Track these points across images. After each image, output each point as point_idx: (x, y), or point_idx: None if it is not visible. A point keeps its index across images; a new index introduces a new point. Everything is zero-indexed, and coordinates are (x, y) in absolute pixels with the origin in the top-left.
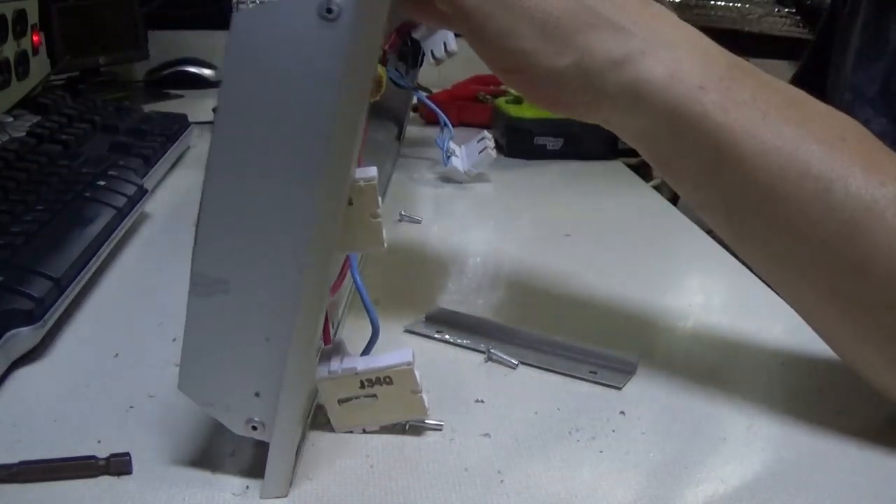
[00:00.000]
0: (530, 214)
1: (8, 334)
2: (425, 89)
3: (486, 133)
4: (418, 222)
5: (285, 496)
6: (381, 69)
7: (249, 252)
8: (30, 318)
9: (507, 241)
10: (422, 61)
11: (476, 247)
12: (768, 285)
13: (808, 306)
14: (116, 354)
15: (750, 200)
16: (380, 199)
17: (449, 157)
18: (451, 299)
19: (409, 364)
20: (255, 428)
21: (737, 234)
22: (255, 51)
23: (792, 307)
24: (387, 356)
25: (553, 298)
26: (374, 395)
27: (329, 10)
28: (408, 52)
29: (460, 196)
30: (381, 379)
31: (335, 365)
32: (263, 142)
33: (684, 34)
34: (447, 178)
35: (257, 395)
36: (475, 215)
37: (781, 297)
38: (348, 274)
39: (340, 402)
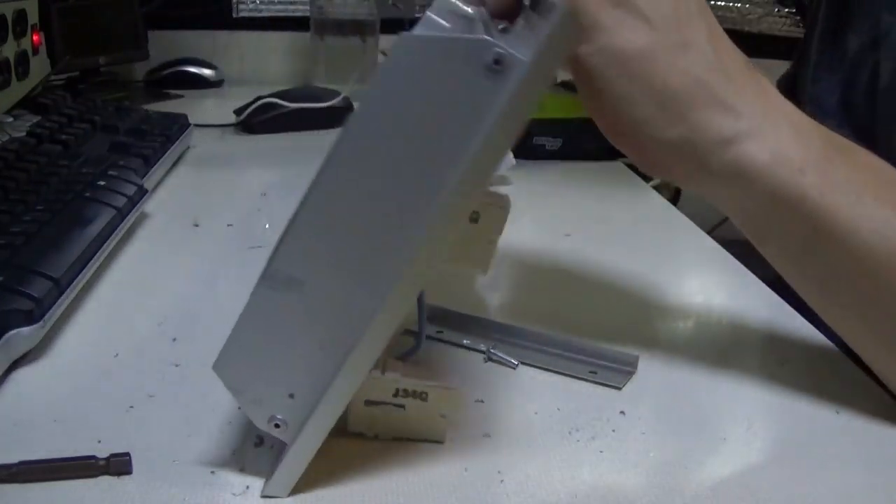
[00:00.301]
0: (530, 214)
1: (8, 334)
2: None
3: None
4: None
5: (285, 496)
6: None
7: (338, 263)
8: (30, 318)
9: (506, 240)
10: None
11: None
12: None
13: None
14: (116, 354)
15: (842, 276)
16: (506, 226)
17: None
18: (451, 299)
19: (453, 389)
20: (277, 426)
21: (829, 306)
22: (412, 73)
23: (880, 375)
24: (431, 372)
25: (553, 298)
26: (403, 407)
27: (497, 62)
28: None
29: None
30: (417, 392)
31: (377, 369)
32: (391, 163)
33: (785, 113)
34: None
35: (291, 396)
36: None
37: (869, 364)
38: None
39: (367, 403)
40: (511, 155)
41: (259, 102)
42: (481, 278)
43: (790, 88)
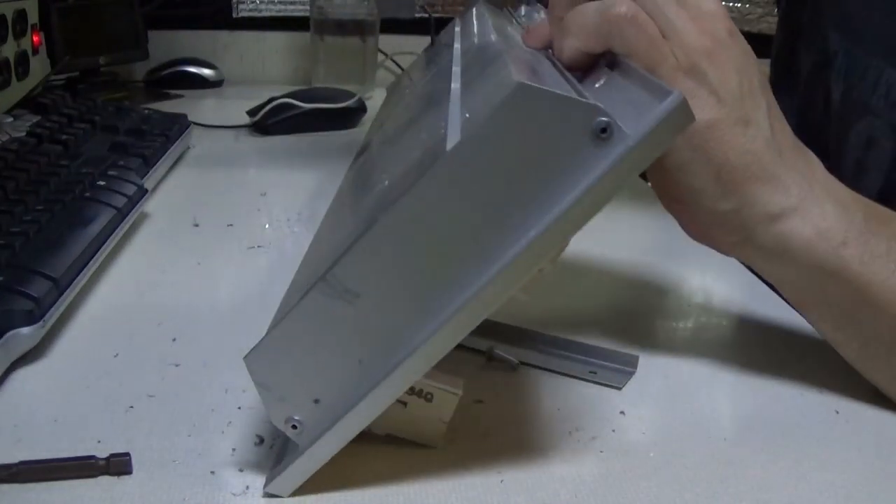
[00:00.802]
0: None
1: (8, 334)
2: None
3: None
4: None
5: (286, 495)
6: None
7: (399, 286)
8: (30, 318)
9: None
10: None
11: None
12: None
13: None
14: (116, 354)
15: (881, 340)
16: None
17: None
18: None
19: (457, 393)
20: (294, 427)
21: (870, 369)
22: (521, 121)
23: None
24: (440, 374)
25: (553, 298)
26: (405, 404)
27: (603, 131)
28: None
29: None
30: (424, 392)
31: None
32: (479, 203)
33: (830, 188)
34: None
35: (316, 401)
36: None
37: None
38: None
39: None
40: None
41: (274, 103)
42: None
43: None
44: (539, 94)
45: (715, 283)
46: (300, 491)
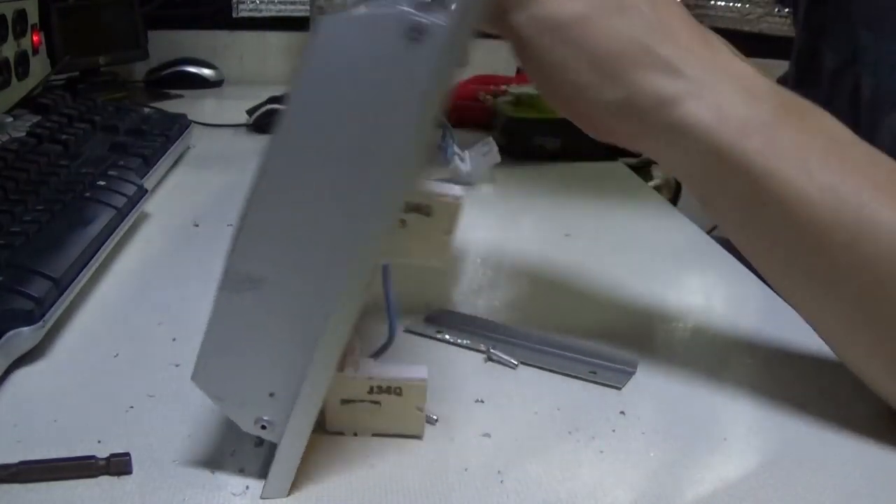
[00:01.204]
0: (530, 214)
1: (8, 334)
2: None
3: (490, 139)
4: None
5: (285, 497)
6: None
7: (292, 254)
8: (30, 318)
9: (506, 241)
10: None
11: (476, 247)
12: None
13: (841, 346)
14: (116, 354)
15: (785, 243)
16: (460, 219)
17: (453, 159)
18: (451, 299)
19: (423, 380)
20: (264, 427)
21: (772, 272)
22: (335, 58)
23: (831, 346)
24: (402, 367)
25: (553, 298)
26: (378, 403)
27: (417, 31)
28: None
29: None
30: (392, 388)
31: (349, 367)
32: (331, 147)
33: (736, 74)
34: (440, 174)
35: (272, 395)
36: (475, 215)
37: (821, 336)
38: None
39: (343, 402)
40: (496, 150)
41: (274, 103)
42: (481, 279)
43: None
44: (341, 21)
45: (715, 283)
46: (299, 490)
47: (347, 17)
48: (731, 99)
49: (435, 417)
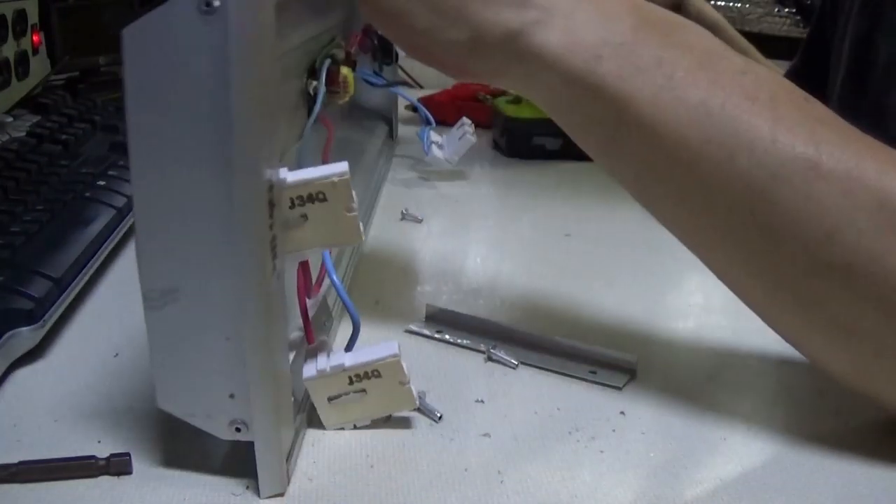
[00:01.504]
0: (530, 214)
1: (8, 334)
2: (407, 84)
3: (465, 119)
4: (419, 221)
5: (283, 492)
6: (346, 70)
7: (187, 257)
8: (30, 318)
9: (507, 241)
10: (396, 56)
11: (476, 247)
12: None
13: (723, 272)
14: (116, 354)
15: (654, 168)
16: (354, 193)
17: (430, 147)
18: (451, 299)
19: (395, 356)
20: (238, 430)
21: (646, 200)
22: (148, 64)
23: (717, 276)
24: (373, 350)
25: (553, 298)
26: (364, 390)
27: (208, 4)
28: (377, 50)
29: (461, 196)
30: (370, 373)
31: (322, 363)
32: (176, 152)
33: None
34: (441, 174)
35: (232, 396)
36: (476, 215)
37: (702, 259)
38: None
39: (330, 399)
40: (471, 130)
41: None
42: (481, 278)
43: (800, 79)
44: (139, 23)
45: (715, 282)
46: (299, 490)
47: (145, 18)
48: (584, 23)
49: (439, 414)
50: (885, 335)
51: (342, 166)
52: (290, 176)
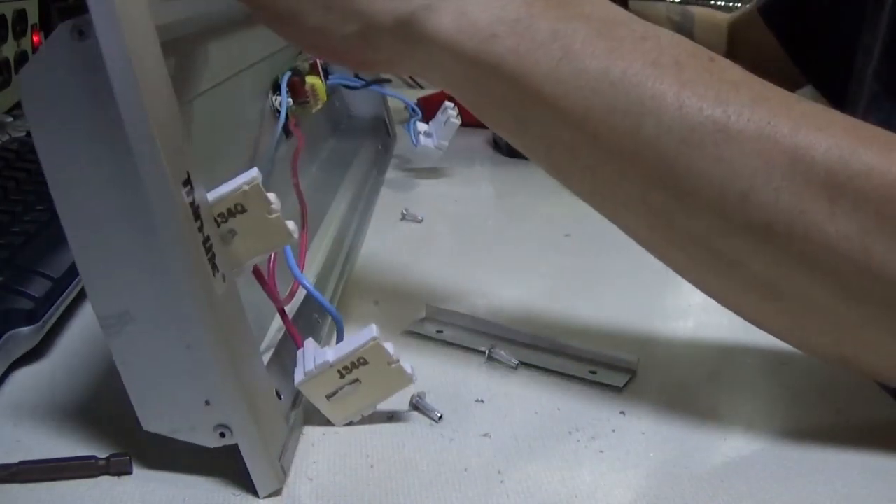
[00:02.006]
0: (530, 214)
1: (8, 334)
2: (407, 84)
3: (447, 103)
4: (419, 221)
5: (280, 489)
6: (313, 80)
7: (129, 280)
8: (30, 318)
9: (506, 241)
10: None
11: (476, 247)
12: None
13: (646, 241)
14: None
15: (563, 143)
16: (270, 195)
17: (418, 138)
18: (451, 299)
19: (374, 339)
20: (223, 434)
21: (560, 176)
22: (42, 96)
23: (641, 245)
24: (353, 339)
25: (553, 299)
26: (357, 380)
27: (81, 32)
28: None
29: (461, 196)
30: (356, 362)
31: (309, 364)
32: (84, 182)
33: None
34: (441, 174)
35: (208, 403)
36: (475, 215)
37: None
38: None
39: (329, 397)
40: (455, 113)
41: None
42: (481, 278)
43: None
44: (30, 63)
45: None
46: (299, 491)
47: (35, 57)
48: (476, 3)
49: (439, 414)
50: (811, 291)
51: (251, 173)
52: (209, 195)
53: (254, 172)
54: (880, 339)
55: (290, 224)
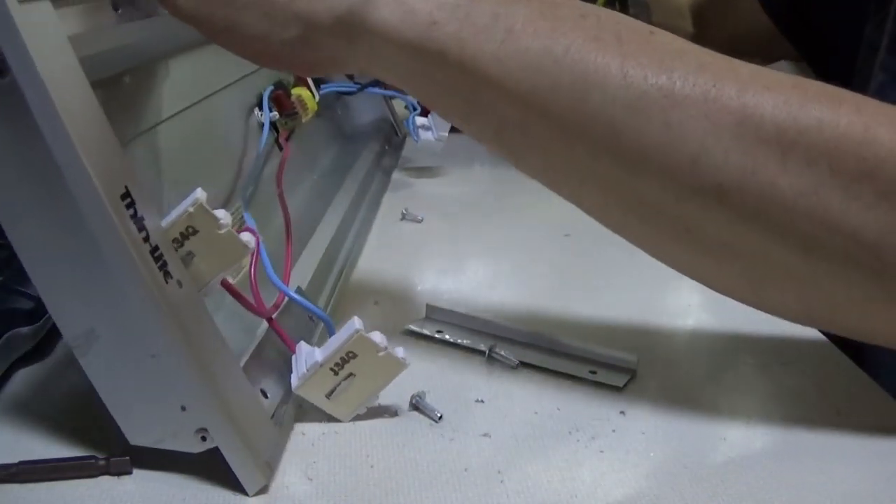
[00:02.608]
0: (530, 214)
1: (8, 334)
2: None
3: None
4: (419, 221)
5: (266, 486)
6: (299, 91)
7: (88, 300)
8: (30, 318)
9: (507, 240)
10: None
11: (476, 246)
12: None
13: (603, 215)
14: None
15: (512, 123)
16: (219, 212)
17: (418, 133)
18: (451, 299)
19: (357, 331)
20: (204, 438)
21: (513, 158)
22: None
23: (597, 220)
24: (338, 335)
25: (553, 298)
26: (351, 374)
27: (1, 73)
28: None
29: (461, 196)
30: (346, 357)
31: (301, 368)
32: (31, 216)
33: None
34: (441, 173)
35: (184, 408)
36: (475, 215)
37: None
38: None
39: (329, 396)
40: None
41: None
42: (482, 278)
43: None
44: None
45: None
46: (299, 491)
47: None
48: None
49: (439, 414)
50: (769, 249)
51: (195, 194)
52: (163, 222)
53: (197, 193)
54: (842, 292)
55: (245, 236)
